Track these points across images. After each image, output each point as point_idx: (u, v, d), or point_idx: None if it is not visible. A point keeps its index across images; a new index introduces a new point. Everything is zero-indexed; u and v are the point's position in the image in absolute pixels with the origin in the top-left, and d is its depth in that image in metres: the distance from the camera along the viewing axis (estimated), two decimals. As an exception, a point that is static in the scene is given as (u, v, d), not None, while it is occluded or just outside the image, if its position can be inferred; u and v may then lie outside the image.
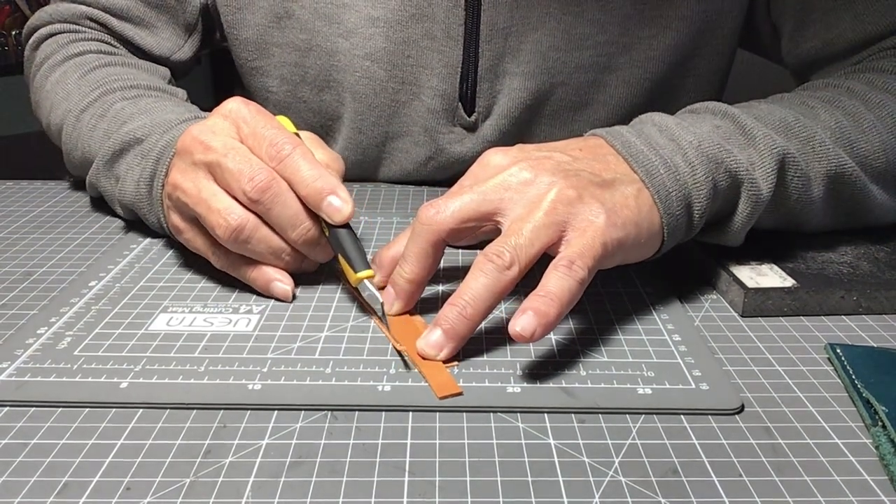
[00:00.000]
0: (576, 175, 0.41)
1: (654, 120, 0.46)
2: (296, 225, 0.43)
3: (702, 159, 0.43)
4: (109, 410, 0.34)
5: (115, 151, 0.53)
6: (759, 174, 0.44)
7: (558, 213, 0.39)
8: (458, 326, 0.38)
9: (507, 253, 0.38)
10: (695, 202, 0.43)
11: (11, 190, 0.66)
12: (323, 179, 0.42)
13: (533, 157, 0.42)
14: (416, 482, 0.30)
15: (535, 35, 0.62)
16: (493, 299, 0.38)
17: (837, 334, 0.42)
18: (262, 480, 0.30)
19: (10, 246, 0.53)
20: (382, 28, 0.63)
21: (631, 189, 0.42)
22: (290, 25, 0.65)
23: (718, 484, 0.30)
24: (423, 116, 0.66)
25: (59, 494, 0.29)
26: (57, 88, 0.63)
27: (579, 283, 0.37)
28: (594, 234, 0.39)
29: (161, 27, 0.69)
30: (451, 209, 0.40)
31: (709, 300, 0.46)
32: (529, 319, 0.36)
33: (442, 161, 0.68)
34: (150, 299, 0.45)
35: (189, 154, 0.45)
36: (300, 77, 0.67)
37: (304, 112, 0.70)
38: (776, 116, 0.47)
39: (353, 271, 0.42)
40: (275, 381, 0.36)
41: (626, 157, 0.43)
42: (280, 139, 0.43)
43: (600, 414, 0.34)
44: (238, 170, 0.42)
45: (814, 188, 0.47)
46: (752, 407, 0.35)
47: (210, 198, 0.43)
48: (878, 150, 0.49)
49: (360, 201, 0.63)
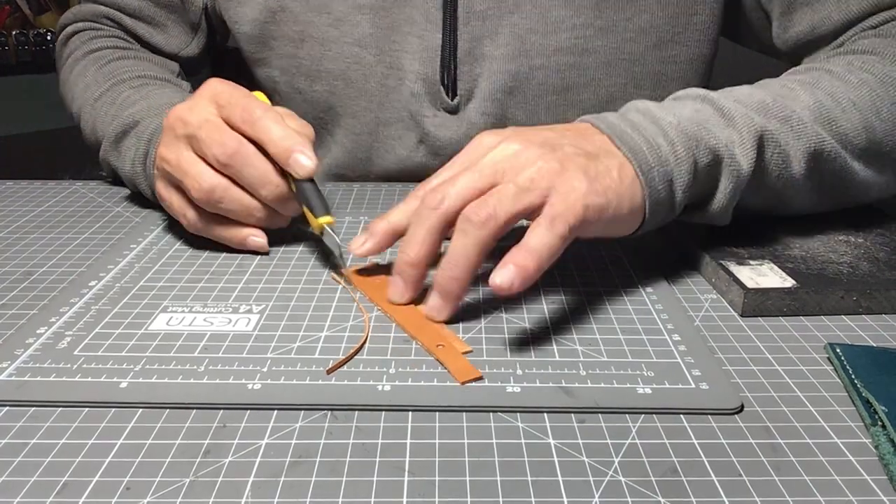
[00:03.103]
0: (561, 148, 0.43)
1: (638, 106, 0.48)
2: (265, 183, 0.48)
3: (682, 138, 0.45)
4: (109, 410, 0.34)
5: (119, 133, 0.60)
6: (739, 151, 0.46)
7: (542, 179, 0.41)
8: (450, 287, 0.41)
9: (484, 210, 0.40)
10: (676, 178, 0.44)
11: (11, 190, 0.66)
12: (291, 139, 0.48)
13: (522, 133, 0.45)
14: (416, 482, 0.30)
15: (512, 18, 0.65)
16: (476, 256, 0.40)
17: (837, 334, 0.42)
18: (262, 480, 0.30)
19: (10, 246, 0.53)
20: (368, 14, 0.66)
21: (614, 161, 0.43)
22: (284, 19, 0.69)
23: (718, 484, 0.30)
24: (409, 100, 0.68)
25: (59, 494, 0.29)
26: (78, 80, 0.70)
27: (560, 238, 0.39)
28: (576, 196, 0.40)
29: (170, 26, 0.75)
30: (454, 193, 0.42)
31: (709, 300, 0.46)
32: (508, 272, 0.38)
33: (431, 144, 0.69)
34: (150, 299, 0.45)
35: (172, 130, 0.50)
36: (296, 68, 0.71)
37: (301, 103, 0.72)
38: (755, 98, 0.49)
39: (315, 217, 0.47)
40: (275, 381, 0.36)
41: (611, 136, 0.45)
42: (252, 105, 0.49)
43: (600, 414, 0.34)
44: (209, 139, 0.48)
45: (794, 165, 0.48)
46: (751, 407, 0.35)
47: (187, 165, 0.49)
48: (858, 127, 0.50)
49: (357, 201, 0.64)
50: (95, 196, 0.64)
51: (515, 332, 0.41)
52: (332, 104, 0.71)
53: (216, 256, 0.51)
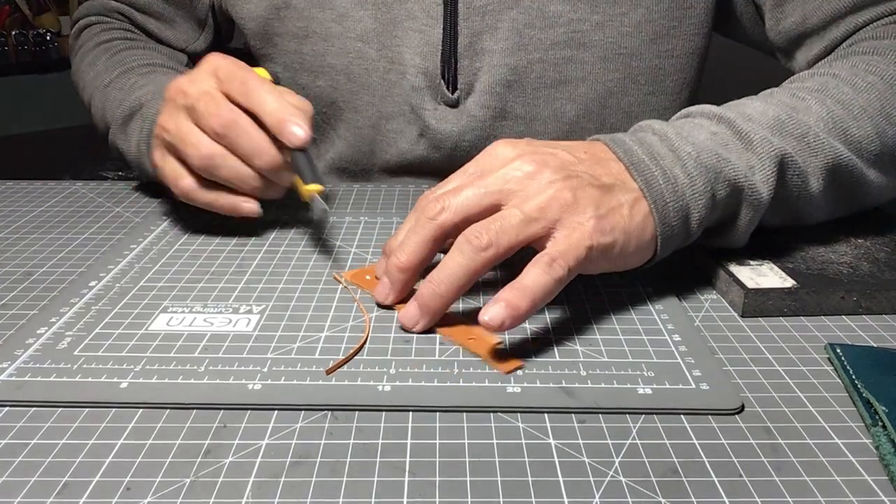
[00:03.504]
0: (577, 177, 0.42)
1: (654, 128, 0.46)
2: (260, 154, 0.50)
3: (700, 170, 0.43)
4: (109, 410, 0.34)
5: (126, 116, 0.62)
6: (759, 178, 0.45)
7: (551, 210, 0.40)
8: (432, 303, 0.40)
9: (486, 235, 0.39)
10: (692, 212, 0.43)
11: (11, 190, 0.66)
12: (285, 110, 0.49)
13: (539, 152, 0.43)
14: (417, 482, 0.30)
15: (511, 13, 0.65)
16: (466, 279, 0.40)
17: (837, 334, 0.42)
18: (262, 480, 0.30)
19: (10, 246, 0.53)
20: (370, 10, 0.67)
21: (627, 197, 0.42)
22: (289, 15, 0.70)
23: (718, 484, 0.30)
24: (410, 94, 0.69)
25: (59, 494, 0.29)
26: (89, 70, 0.73)
27: (556, 280, 0.38)
28: (581, 235, 0.40)
29: (178, 21, 0.77)
30: (455, 205, 0.41)
31: (709, 300, 0.46)
32: (499, 310, 0.37)
33: (431, 138, 0.70)
34: (150, 299, 0.45)
35: (173, 101, 0.52)
36: (299, 64, 0.72)
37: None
38: (770, 115, 0.47)
39: (304, 184, 0.48)
40: (275, 381, 0.36)
41: (628, 166, 0.43)
42: (250, 78, 0.50)
43: (600, 414, 0.34)
44: (206, 110, 0.50)
45: (812, 183, 0.47)
46: (752, 407, 0.35)
47: (186, 133, 0.51)
48: (871, 133, 0.49)
49: (359, 201, 0.64)
50: (95, 196, 0.64)
51: (515, 332, 0.41)
52: (334, 99, 0.72)
53: (216, 256, 0.51)
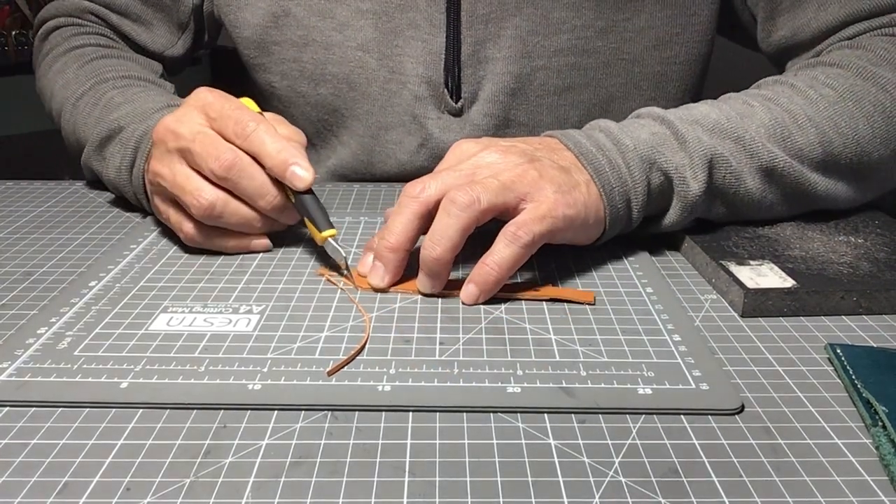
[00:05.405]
0: (539, 160, 0.46)
1: (601, 125, 0.51)
2: (263, 195, 0.49)
3: (637, 161, 0.48)
4: (109, 410, 0.34)
5: (103, 138, 0.59)
6: (689, 174, 0.49)
7: (521, 184, 0.44)
8: (435, 268, 0.44)
9: (468, 195, 0.43)
10: (633, 198, 0.48)
11: (11, 190, 0.66)
12: (286, 151, 0.47)
13: (501, 144, 0.48)
14: (417, 482, 0.30)
15: (514, 20, 0.65)
16: (457, 237, 0.43)
17: (837, 334, 0.42)
18: (262, 481, 0.30)
19: (11, 246, 0.53)
20: (372, 19, 0.66)
21: (582, 177, 0.47)
22: (288, 24, 0.68)
23: (718, 484, 0.30)
24: (412, 104, 0.68)
25: (59, 494, 0.29)
26: (58, 77, 0.68)
27: (523, 247, 0.43)
28: (548, 206, 0.44)
29: (156, 24, 0.74)
30: (434, 184, 0.45)
31: (709, 300, 0.46)
32: (472, 289, 0.44)
33: (433, 148, 0.70)
34: (150, 299, 0.45)
35: (163, 143, 0.49)
36: (298, 72, 0.70)
37: (304, 106, 0.72)
38: (711, 118, 0.51)
39: (318, 231, 0.47)
40: (275, 381, 0.36)
41: (578, 155, 0.48)
42: (244, 117, 0.48)
43: (600, 414, 0.34)
44: (205, 152, 0.47)
45: (748, 182, 0.51)
46: (752, 407, 0.35)
47: (184, 180, 0.48)
48: (813, 142, 0.51)
49: (358, 202, 0.64)
50: (95, 196, 0.64)
51: (515, 332, 0.41)
52: (336, 106, 0.71)
53: (216, 257, 0.51)
